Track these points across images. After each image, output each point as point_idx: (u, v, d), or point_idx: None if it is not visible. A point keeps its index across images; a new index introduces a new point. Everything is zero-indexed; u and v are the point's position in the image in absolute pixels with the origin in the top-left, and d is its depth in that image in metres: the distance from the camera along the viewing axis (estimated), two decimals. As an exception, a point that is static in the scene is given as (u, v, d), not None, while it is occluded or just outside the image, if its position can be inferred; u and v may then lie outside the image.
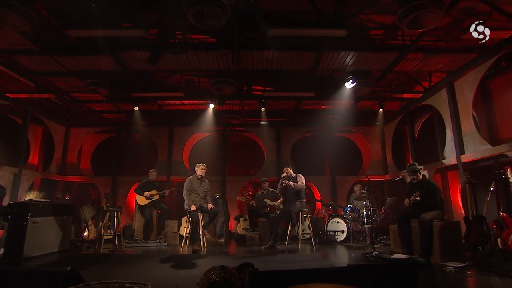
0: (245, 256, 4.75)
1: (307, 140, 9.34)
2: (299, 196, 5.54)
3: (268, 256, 4.74)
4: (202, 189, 5.68)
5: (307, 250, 5.46)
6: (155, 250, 5.57)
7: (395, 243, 5.00)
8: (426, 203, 4.29)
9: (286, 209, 5.51)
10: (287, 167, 5.81)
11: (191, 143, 9.16)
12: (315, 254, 4.89)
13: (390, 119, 8.41)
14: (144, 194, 6.60)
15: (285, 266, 3.83)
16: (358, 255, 4.67)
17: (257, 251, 5.32)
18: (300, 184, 5.46)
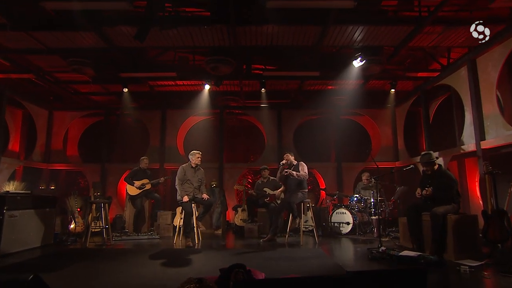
0: (242, 251, 4.69)
1: (311, 124, 9.18)
2: (301, 186, 5.43)
3: (266, 251, 4.68)
4: (196, 179, 5.59)
5: (309, 243, 5.40)
6: (146, 243, 5.54)
7: (404, 236, 4.90)
8: (440, 196, 4.14)
9: (286, 200, 5.41)
10: (288, 153, 5.68)
11: (185, 127, 9.02)
12: (317, 249, 4.82)
13: (402, 100, 8.18)
14: (134, 184, 6.50)
15: (283, 264, 3.74)
16: (363, 250, 4.59)
17: (255, 245, 5.27)
18: (303, 174, 5.34)
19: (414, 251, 3.86)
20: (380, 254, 3.87)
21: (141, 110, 8.67)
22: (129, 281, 3.04)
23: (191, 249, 4.87)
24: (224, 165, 8.52)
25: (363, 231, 6.28)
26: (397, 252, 3.75)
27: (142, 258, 4.14)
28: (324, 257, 4.20)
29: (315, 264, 3.73)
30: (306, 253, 4.46)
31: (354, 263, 3.86)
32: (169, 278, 3.16)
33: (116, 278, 3.17)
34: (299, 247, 5.06)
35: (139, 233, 6.13)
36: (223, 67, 6.09)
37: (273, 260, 3.95)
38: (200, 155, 5.66)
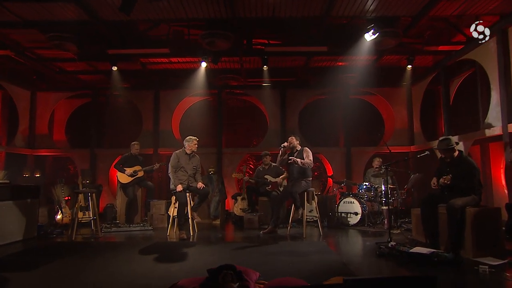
0: (239, 245, 4.63)
1: (317, 105, 8.99)
2: (304, 174, 5.30)
3: (266, 245, 4.62)
4: (190, 166, 5.51)
5: (313, 236, 5.34)
6: (138, 235, 5.51)
7: (417, 229, 4.78)
8: (460, 186, 3.96)
9: (288, 189, 5.30)
10: (293, 136, 5.53)
11: (181, 109, 8.90)
12: (321, 243, 4.75)
13: (420, 77, 7.91)
14: (125, 171, 6.44)
15: (282, 260, 3.66)
16: (372, 245, 4.50)
17: (255, 238, 5.21)
18: (308, 162, 5.20)
19: (427, 247, 3.73)
20: (389, 249, 3.76)
21: (133, 91, 8.54)
22: (113, 281, 2.98)
23: (185, 242, 4.83)
24: (223, 150, 8.44)
25: (373, 222, 6.19)
26: (408, 248, 3.63)
27: (131, 253, 4.10)
28: (327, 252, 4.12)
29: (316, 261, 3.64)
30: (309, 248, 4.38)
31: (360, 259, 3.77)
32: (156, 276, 3.10)
33: (99, 276, 3.12)
34: (302, 240, 5.00)
35: (131, 224, 6.11)
36: (220, 42, 5.90)
37: (271, 256, 3.87)
38: (197, 142, 5.54)
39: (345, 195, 6.44)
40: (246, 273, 2.73)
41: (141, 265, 3.53)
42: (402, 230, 5.67)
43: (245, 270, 2.82)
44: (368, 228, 5.96)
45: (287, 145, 5.42)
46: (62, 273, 3.29)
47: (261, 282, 2.79)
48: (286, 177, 6.31)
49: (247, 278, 2.57)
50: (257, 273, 2.89)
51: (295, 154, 5.43)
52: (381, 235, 5.29)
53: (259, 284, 2.71)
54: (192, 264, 3.57)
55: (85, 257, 3.97)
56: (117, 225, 6.01)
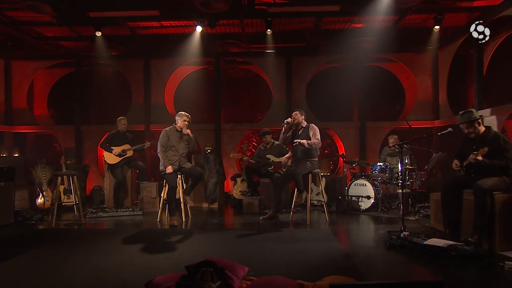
0: (235, 233, 4.59)
1: (328, 74, 8.70)
2: (309, 154, 5.17)
3: (264, 232, 4.59)
4: (182, 145, 5.44)
5: (318, 222, 5.28)
6: (126, 221, 5.54)
7: (436, 217, 4.66)
8: (491, 165, 3.76)
9: (290, 171, 5.20)
10: (297, 111, 5.38)
11: (174, 80, 8.74)
12: (326, 230, 4.68)
13: (449, 40, 7.53)
14: (112, 151, 6.40)
15: (278, 251, 3.59)
16: (383, 234, 4.40)
17: (254, 224, 5.19)
18: (315, 142, 5.07)
19: (445, 239, 3.61)
20: (400, 240, 3.66)
21: (120, 59, 8.37)
22: (87, 275, 2.97)
23: (175, 230, 4.83)
24: (222, 126, 8.35)
25: (387, 207, 6.08)
26: (422, 240, 3.51)
27: (114, 242, 4.10)
28: (331, 241, 4.06)
29: (317, 252, 3.58)
30: (311, 236, 4.34)
31: (367, 251, 3.68)
32: (135, 270, 3.07)
33: (73, 270, 3.11)
34: (305, 226, 4.97)
35: (120, 208, 6.13)
36: (216, 1, 5.66)
37: (268, 246, 3.83)
38: (188, 119, 5.43)
39: (357, 177, 6.35)
40: (232, 269, 2.67)
41: (122, 256, 3.51)
42: (421, 216, 5.57)
43: (231, 265, 2.76)
44: (382, 214, 5.87)
45: (291, 121, 5.28)
46: (33, 266, 3.29)
47: (249, 278, 2.73)
48: (290, 156, 6.23)
49: (232, 275, 2.50)
50: (246, 268, 2.83)
51: (300, 132, 5.31)
52: (395, 222, 5.21)
53: (246, 281, 2.65)
54: (178, 256, 3.53)
55: (62, 246, 3.97)
56: (104, 209, 6.05)
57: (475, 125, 4.01)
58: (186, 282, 2.24)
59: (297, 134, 5.30)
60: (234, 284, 2.38)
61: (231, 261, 2.94)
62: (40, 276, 2.98)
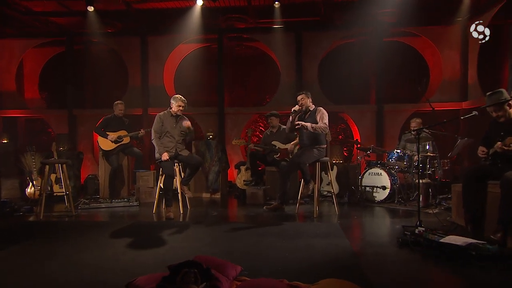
0: (234, 226, 4.56)
1: (343, 51, 8.50)
2: (317, 141, 5.07)
3: (266, 226, 4.54)
4: (177, 131, 5.41)
5: (327, 215, 5.21)
6: (119, 213, 5.55)
7: (458, 211, 4.50)
8: None
9: (295, 160, 5.11)
10: (303, 93, 5.25)
11: (174, 59, 8.67)
12: (334, 225, 4.59)
13: (481, 10, 7.18)
14: (108, 136, 6.39)
15: (280, 247, 3.54)
16: (398, 229, 4.30)
17: (256, 216, 5.17)
18: (322, 126, 4.94)
19: (465, 236, 3.48)
20: (415, 237, 3.54)
21: (115, 37, 8.31)
22: (67, 273, 2.94)
23: (170, 223, 4.81)
24: (226, 110, 8.30)
25: (405, 198, 5.95)
26: (439, 237, 3.39)
27: (103, 236, 4.09)
28: (338, 236, 3.97)
29: (321, 249, 3.50)
30: (317, 230, 4.27)
31: (377, 248, 3.58)
32: (119, 269, 3.03)
33: (54, 267, 3.09)
34: (312, 220, 4.91)
35: (115, 198, 6.15)
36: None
37: (268, 241, 3.77)
38: (183, 105, 5.37)
39: (372, 165, 6.25)
40: (222, 269, 2.62)
41: (108, 252, 3.49)
42: (441, 209, 5.43)
43: (222, 264, 2.71)
44: (398, 206, 5.76)
45: (299, 109, 5.16)
46: (13, 261, 3.29)
47: (241, 278, 2.68)
48: (298, 143, 6.10)
49: (220, 275, 2.45)
50: (239, 267, 2.78)
51: (306, 116, 5.20)
52: (413, 215, 5.08)
53: (237, 281, 2.60)
54: (168, 252, 3.50)
55: (48, 241, 3.98)
56: (98, 200, 6.07)
57: (505, 107, 3.83)
58: (166, 284, 2.19)
59: (303, 119, 5.18)
60: (221, 286, 2.33)
61: (224, 258, 2.91)
62: (17, 273, 2.98)
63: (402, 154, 6.07)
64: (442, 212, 5.23)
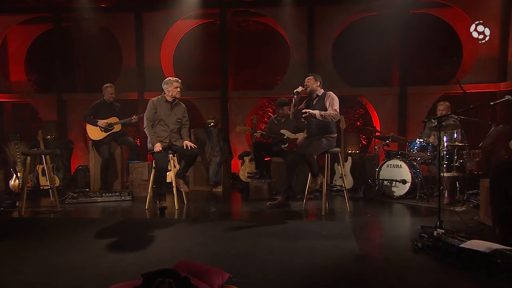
0: (231, 225, 4.48)
1: (361, 27, 8.30)
2: (326, 129, 4.95)
3: (267, 224, 4.49)
4: (173, 119, 5.38)
5: (337, 213, 5.13)
6: (109, 208, 5.55)
7: (486, 210, 4.37)
8: None
9: (302, 151, 5.01)
10: (311, 75, 5.13)
11: (172, 38, 8.60)
12: (344, 224, 4.50)
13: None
14: (98, 123, 6.38)
15: (277, 251, 3.46)
16: (416, 229, 4.17)
17: (259, 213, 5.18)
18: (332, 113, 4.80)
19: (491, 241, 3.33)
20: (432, 240, 3.41)
21: (107, 13, 8.27)
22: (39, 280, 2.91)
23: (163, 220, 4.81)
24: (230, 94, 8.24)
25: (428, 194, 5.82)
26: (459, 241, 3.25)
27: (85, 236, 4.05)
28: (346, 238, 3.87)
29: (324, 251, 3.42)
30: (323, 230, 4.19)
31: (388, 252, 3.48)
32: (96, 276, 2.95)
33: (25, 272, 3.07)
34: (320, 218, 4.85)
35: (106, 192, 6.15)
36: None
37: (266, 242, 3.71)
38: (179, 85, 5.35)
39: (391, 156, 6.13)
40: (206, 277, 2.56)
41: (87, 255, 3.44)
42: (470, 206, 5.27)
43: (206, 271, 2.65)
44: (420, 203, 5.60)
45: (302, 90, 5.04)
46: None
47: (228, 287, 2.63)
48: (307, 132, 6.04)
49: (201, 284, 2.39)
50: (226, 274, 2.72)
51: (314, 101, 5.08)
52: (436, 213, 4.89)
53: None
54: (153, 255, 3.44)
55: (25, 240, 3.96)
56: (87, 194, 6.08)
57: None
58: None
59: (311, 105, 5.06)
60: (202, 296, 2.28)
61: (215, 261, 2.88)
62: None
63: (425, 144, 5.89)
64: (470, 211, 5.07)
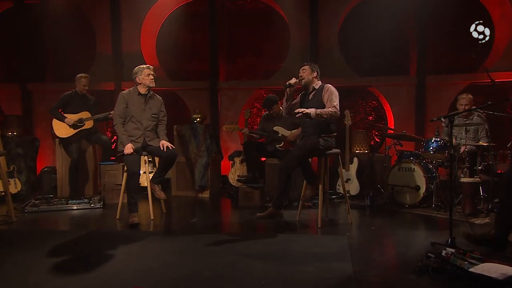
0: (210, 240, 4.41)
1: (372, 5, 8.20)
2: (324, 128, 4.89)
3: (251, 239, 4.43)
4: (147, 114, 5.34)
5: (336, 225, 5.07)
6: (75, 218, 5.53)
7: (509, 222, 4.27)
8: None
9: (294, 153, 4.95)
10: (307, 65, 5.08)
11: (155, 18, 8.64)
12: (341, 239, 4.41)
13: None
14: (64, 119, 6.38)
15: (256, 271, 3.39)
16: (426, 246, 4.08)
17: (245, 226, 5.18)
18: (331, 111, 4.72)
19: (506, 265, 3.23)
20: (439, 262, 3.32)
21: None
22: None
23: (133, 234, 4.71)
24: (220, 84, 8.28)
25: (445, 203, 5.72)
26: (469, 264, 3.14)
27: (37, 253, 3.95)
28: (340, 256, 3.80)
29: (311, 273, 3.36)
30: (316, 246, 4.13)
31: (387, 275, 3.40)
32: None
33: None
34: (315, 231, 4.82)
35: (74, 198, 6.16)
36: None
37: (247, 260, 3.70)
38: (152, 72, 5.30)
39: (403, 158, 6.15)
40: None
41: (29, 281, 3.33)
42: (491, 219, 5.15)
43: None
44: (436, 213, 5.55)
45: (295, 82, 5.00)
46: None
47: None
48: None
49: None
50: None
51: (310, 96, 5.04)
52: (455, 226, 4.70)
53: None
54: (106, 279, 3.32)
55: None
56: (50, 201, 6.09)
57: None
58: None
59: (306, 99, 5.02)
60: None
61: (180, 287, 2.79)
62: None
63: (442, 143, 5.85)
64: (487, 224, 4.94)
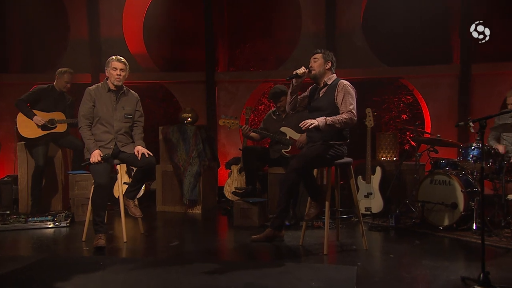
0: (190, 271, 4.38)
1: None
2: (333, 134, 4.83)
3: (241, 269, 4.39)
4: (119, 114, 5.33)
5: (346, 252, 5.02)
6: (32, 240, 5.55)
7: None
8: None
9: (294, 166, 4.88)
10: (320, 53, 5.00)
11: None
12: (349, 270, 4.28)
13: None
14: (33, 117, 6.45)
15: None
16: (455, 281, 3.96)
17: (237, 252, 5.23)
18: (344, 118, 4.67)
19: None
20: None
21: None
22: None
23: (96, 261, 4.65)
24: (218, 76, 8.35)
25: (492, 223, 5.65)
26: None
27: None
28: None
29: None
30: (318, 279, 4.01)
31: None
32: None
33: None
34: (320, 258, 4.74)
35: (36, 215, 6.21)
36: None
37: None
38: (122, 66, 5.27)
39: (437, 167, 6.06)
40: None
41: None
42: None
43: None
44: (478, 237, 5.31)
45: (304, 73, 4.90)
46: None
47: None
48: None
49: None
50: None
51: (321, 93, 4.98)
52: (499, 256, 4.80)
53: None
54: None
55: None
56: (6, 218, 6.18)
57: None
58: None
59: (315, 96, 4.99)
60: None
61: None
62: None
63: (487, 150, 5.76)
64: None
